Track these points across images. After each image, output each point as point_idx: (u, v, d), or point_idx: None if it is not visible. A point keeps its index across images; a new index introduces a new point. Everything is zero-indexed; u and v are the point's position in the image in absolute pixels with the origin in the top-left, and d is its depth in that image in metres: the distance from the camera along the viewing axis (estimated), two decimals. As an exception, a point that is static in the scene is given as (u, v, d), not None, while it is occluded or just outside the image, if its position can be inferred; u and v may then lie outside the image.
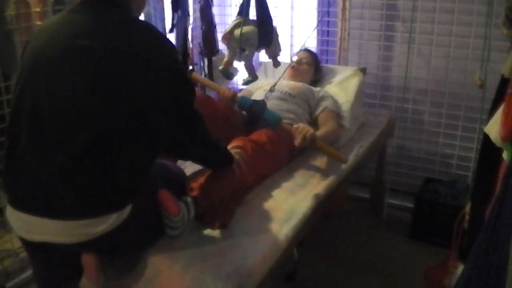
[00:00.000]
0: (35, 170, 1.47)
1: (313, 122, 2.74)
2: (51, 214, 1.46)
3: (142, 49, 1.46)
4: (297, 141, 2.26)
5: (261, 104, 2.48)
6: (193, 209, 1.77)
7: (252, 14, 2.47)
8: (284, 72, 2.84)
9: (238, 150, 2.08)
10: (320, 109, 2.77)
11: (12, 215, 1.54)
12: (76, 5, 1.53)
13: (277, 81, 2.68)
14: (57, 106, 1.44)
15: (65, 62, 1.44)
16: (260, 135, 2.29)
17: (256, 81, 2.60)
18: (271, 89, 2.64)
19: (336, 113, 2.78)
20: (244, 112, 2.54)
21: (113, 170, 1.47)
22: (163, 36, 1.57)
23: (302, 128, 2.29)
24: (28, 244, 1.60)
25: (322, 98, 2.82)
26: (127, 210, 1.51)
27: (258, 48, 2.51)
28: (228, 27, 2.50)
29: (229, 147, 2.10)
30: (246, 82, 2.60)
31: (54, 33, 1.50)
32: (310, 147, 2.34)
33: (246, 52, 2.46)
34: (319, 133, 2.48)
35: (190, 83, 1.61)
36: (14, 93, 1.55)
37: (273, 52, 2.57)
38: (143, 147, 1.53)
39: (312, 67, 3.07)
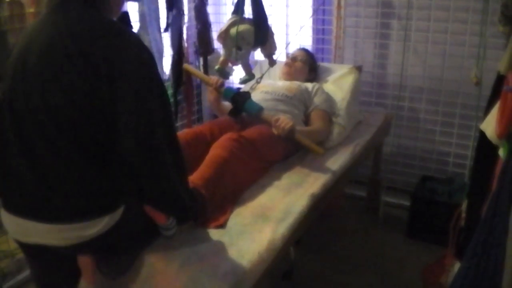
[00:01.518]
0: (24, 174, 1.47)
1: (306, 120, 2.75)
2: (42, 218, 1.45)
3: (114, 52, 1.39)
4: (275, 131, 2.31)
5: (244, 94, 2.48)
6: None
7: (247, 13, 2.46)
8: (269, 69, 2.84)
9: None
10: (311, 107, 2.76)
11: (6, 218, 1.54)
12: (53, 6, 1.49)
13: (263, 74, 2.68)
14: (33, 110, 1.42)
15: (40, 67, 1.42)
16: (251, 131, 2.32)
17: (252, 80, 2.60)
18: (258, 81, 2.64)
19: (326, 112, 2.77)
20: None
21: (103, 173, 1.46)
22: (138, 41, 1.48)
23: (282, 120, 2.32)
24: (24, 246, 1.60)
25: (315, 94, 2.81)
26: (119, 212, 1.50)
27: (254, 47, 2.50)
28: (223, 26, 2.49)
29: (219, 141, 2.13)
30: (243, 81, 2.60)
31: (32, 38, 1.48)
32: (289, 138, 2.35)
33: (243, 51, 2.45)
34: (302, 128, 2.51)
35: (162, 95, 1.49)
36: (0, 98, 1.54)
37: (269, 51, 2.56)
38: None
39: (307, 66, 3.06)
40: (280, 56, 2.75)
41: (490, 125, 1.56)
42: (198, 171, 1.98)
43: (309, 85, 2.88)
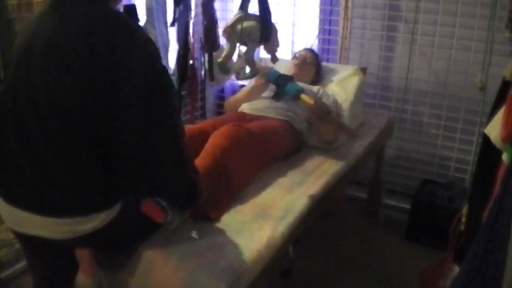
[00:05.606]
0: (22, 166, 1.46)
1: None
2: (39, 210, 1.45)
3: (121, 48, 1.37)
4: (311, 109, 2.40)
5: (286, 77, 2.53)
6: None
7: (252, 9, 2.47)
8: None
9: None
10: None
11: (3, 207, 1.53)
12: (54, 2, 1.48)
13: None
14: (35, 104, 1.42)
15: (44, 60, 1.41)
16: (255, 125, 2.34)
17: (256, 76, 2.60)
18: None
19: (335, 113, 2.77)
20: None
21: (101, 169, 1.45)
22: (145, 37, 1.46)
23: (320, 102, 2.40)
24: (19, 236, 1.59)
25: (322, 97, 2.81)
26: (116, 209, 1.49)
27: (258, 44, 2.51)
28: (229, 21, 2.49)
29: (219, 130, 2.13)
30: (247, 77, 2.60)
31: (35, 29, 1.47)
32: (324, 118, 2.40)
33: (248, 47, 2.46)
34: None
35: (167, 92, 1.48)
36: (2, 87, 1.52)
37: (272, 47, 2.56)
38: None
39: (314, 68, 3.07)
40: (284, 55, 2.75)
41: (494, 130, 1.56)
42: (196, 161, 1.95)
43: (314, 88, 2.88)
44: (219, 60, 2.53)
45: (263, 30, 2.43)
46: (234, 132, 2.13)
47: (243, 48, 2.52)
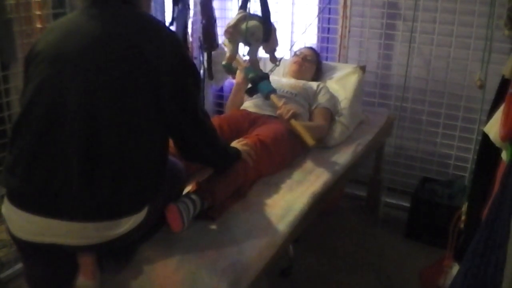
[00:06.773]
0: (52, 169, 1.43)
1: (310, 118, 2.74)
2: (67, 215, 1.42)
3: (160, 41, 1.51)
4: (279, 111, 2.37)
5: (262, 74, 2.54)
6: (199, 206, 1.79)
7: (252, 9, 2.47)
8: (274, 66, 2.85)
9: (246, 148, 2.08)
10: (314, 105, 2.77)
11: (17, 216, 1.47)
12: (88, 6, 1.53)
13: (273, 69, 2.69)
14: (83, 97, 1.42)
15: (87, 63, 1.44)
16: (267, 133, 2.31)
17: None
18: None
19: (328, 109, 2.77)
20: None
21: (134, 171, 1.47)
22: (174, 32, 1.64)
23: (287, 106, 2.39)
24: (28, 246, 1.53)
25: (319, 93, 2.82)
26: (143, 213, 1.51)
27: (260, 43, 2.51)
28: (231, 21, 2.48)
29: (236, 143, 2.12)
30: (251, 78, 2.59)
31: (73, 28, 1.51)
32: (287, 122, 2.37)
33: (252, 47, 2.46)
34: (303, 122, 2.50)
35: (194, 65, 1.64)
36: (29, 84, 1.49)
37: (271, 47, 2.56)
38: (159, 147, 1.55)
39: (315, 66, 3.07)
40: (284, 54, 2.74)
41: (493, 128, 1.56)
42: (211, 177, 1.95)
43: (314, 84, 2.88)
44: (224, 62, 2.54)
45: (264, 30, 2.43)
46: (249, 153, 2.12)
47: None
